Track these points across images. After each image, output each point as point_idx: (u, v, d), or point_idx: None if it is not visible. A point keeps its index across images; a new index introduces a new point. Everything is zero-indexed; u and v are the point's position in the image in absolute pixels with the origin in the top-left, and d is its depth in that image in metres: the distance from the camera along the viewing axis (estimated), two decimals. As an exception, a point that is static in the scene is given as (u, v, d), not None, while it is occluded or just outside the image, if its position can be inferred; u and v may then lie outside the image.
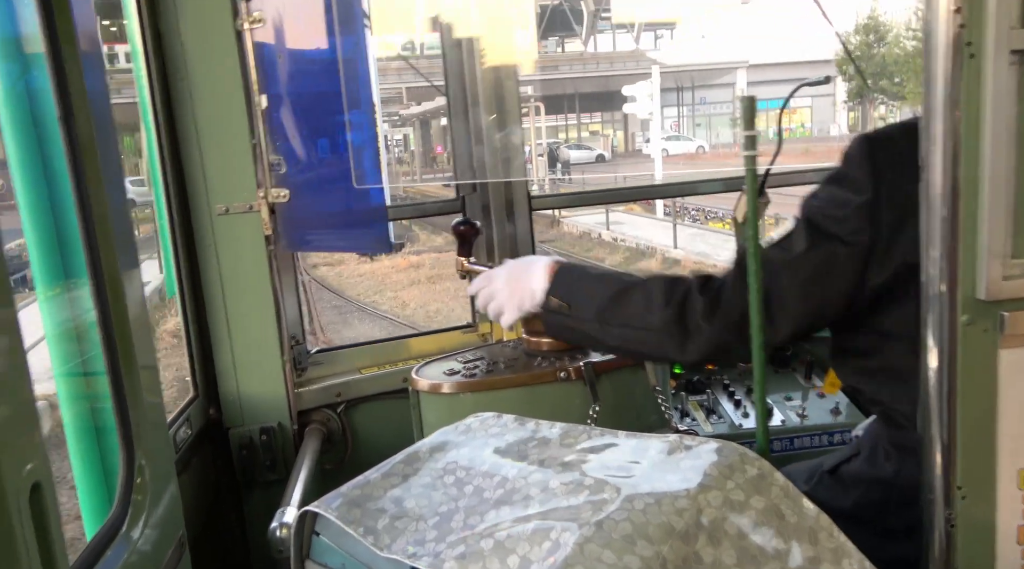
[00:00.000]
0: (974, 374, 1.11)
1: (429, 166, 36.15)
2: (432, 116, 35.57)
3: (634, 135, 41.67)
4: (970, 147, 1.06)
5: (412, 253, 18.25)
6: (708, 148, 37.62)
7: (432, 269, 17.00)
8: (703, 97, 41.92)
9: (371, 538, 1.12)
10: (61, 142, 1.24)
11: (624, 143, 42.22)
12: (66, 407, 1.37)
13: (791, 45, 33.58)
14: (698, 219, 20.79)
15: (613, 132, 43.07)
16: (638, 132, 40.98)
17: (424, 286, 15.64)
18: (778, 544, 1.04)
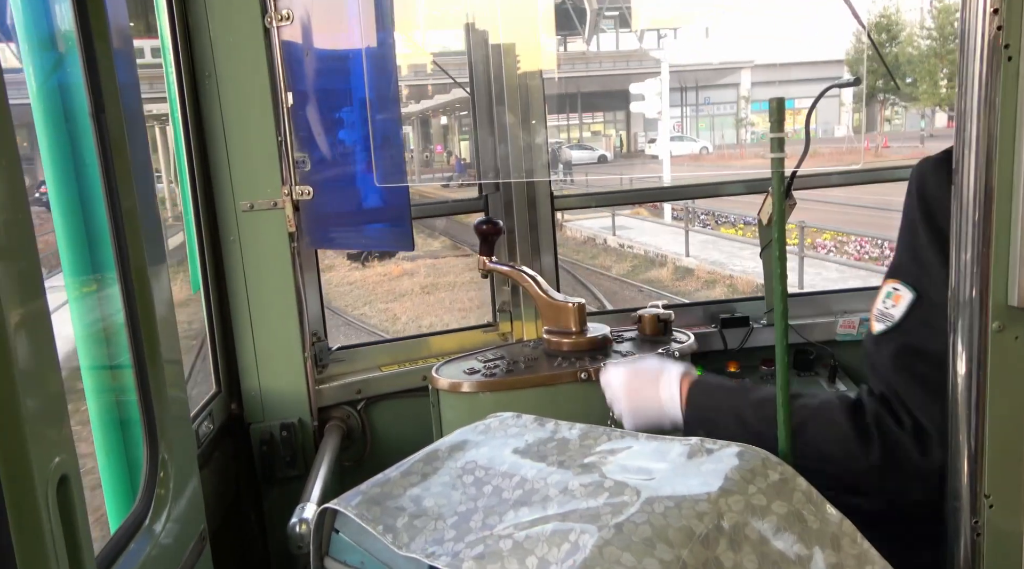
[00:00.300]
0: (1004, 382, 1.09)
1: (428, 166, 35.88)
2: (432, 114, 35.11)
3: (636, 135, 40.91)
4: (1005, 151, 1.04)
5: (406, 259, 16.68)
6: (712, 149, 36.87)
7: (427, 277, 15.63)
8: (707, 97, 41.25)
9: (390, 536, 1.12)
10: (92, 137, 1.26)
11: (626, 144, 41.53)
12: (92, 400, 1.38)
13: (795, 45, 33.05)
14: (708, 224, 19.25)
15: (615, 132, 42.03)
16: (640, 132, 40.28)
17: (416, 297, 14.21)
18: (800, 550, 1.03)
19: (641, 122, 39.78)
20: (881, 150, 27.97)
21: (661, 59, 30.51)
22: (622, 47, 37.20)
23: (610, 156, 36.18)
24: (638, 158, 37.08)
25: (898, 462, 1.27)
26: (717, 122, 41.75)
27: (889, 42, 32.45)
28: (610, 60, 36.01)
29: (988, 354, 1.09)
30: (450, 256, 17.85)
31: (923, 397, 1.25)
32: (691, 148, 35.70)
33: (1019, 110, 1.02)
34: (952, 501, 1.15)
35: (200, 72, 1.95)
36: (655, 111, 25.70)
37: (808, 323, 2.42)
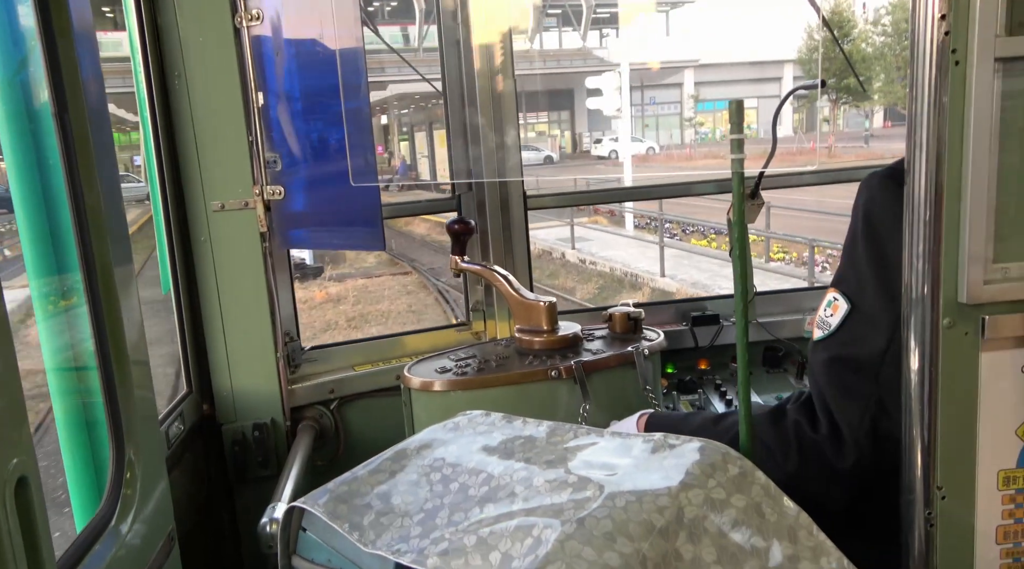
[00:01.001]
0: (955, 376, 1.12)
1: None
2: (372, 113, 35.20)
3: (581, 136, 39.56)
4: (954, 152, 1.07)
5: (333, 279, 14.03)
6: (658, 149, 36.17)
7: (355, 304, 12.64)
8: (652, 97, 40.41)
9: (356, 534, 1.13)
10: (55, 136, 1.26)
11: (571, 144, 40.10)
12: (57, 401, 1.38)
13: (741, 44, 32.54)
14: (676, 234, 16.55)
15: (560, 133, 40.32)
16: (585, 132, 39.22)
17: (340, 334, 11.49)
18: (757, 542, 1.05)
19: (586, 122, 38.97)
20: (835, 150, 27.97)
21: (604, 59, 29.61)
22: (565, 46, 36.03)
23: (556, 157, 35.03)
24: (584, 159, 36.10)
25: (815, 466, 1.32)
26: (661, 122, 41.06)
27: (841, 39, 32.39)
28: (554, 58, 34.82)
29: (940, 349, 1.12)
30: (386, 274, 15.62)
31: (844, 402, 1.30)
32: (638, 148, 34.37)
33: (966, 113, 1.05)
34: (906, 493, 1.18)
35: (169, 72, 1.94)
36: (614, 108, 24.17)
37: (777, 320, 2.46)
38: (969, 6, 1.02)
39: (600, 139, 35.50)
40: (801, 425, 1.35)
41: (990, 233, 1.08)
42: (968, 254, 1.08)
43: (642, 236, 17.11)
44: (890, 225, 1.25)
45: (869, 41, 30.94)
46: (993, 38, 1.03)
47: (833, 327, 1.32)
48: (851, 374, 1.30)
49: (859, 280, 1.32)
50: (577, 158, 37.10)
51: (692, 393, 2.32)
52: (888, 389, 1.25)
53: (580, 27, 30.14)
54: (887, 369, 1.26)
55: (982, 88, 1.04)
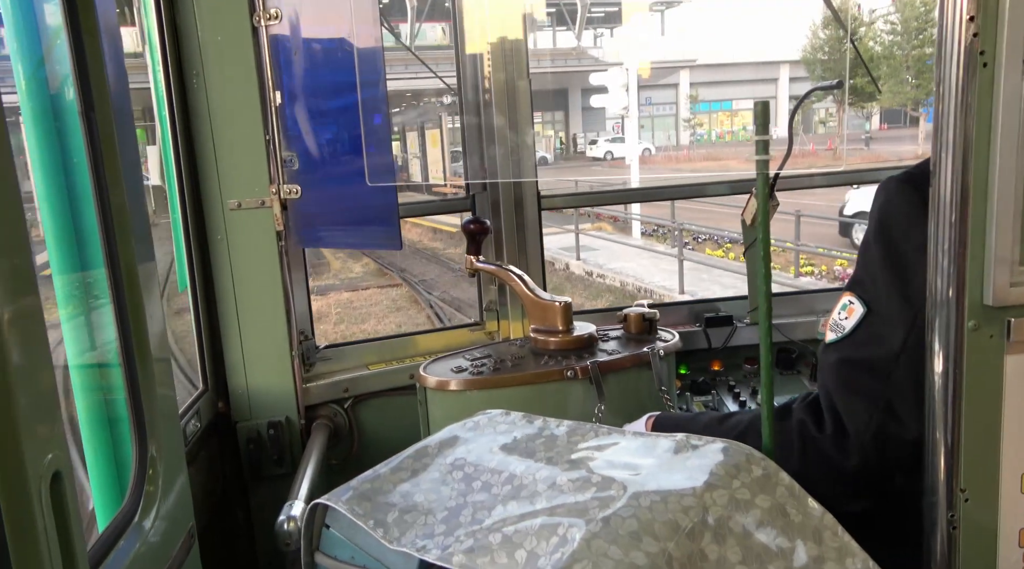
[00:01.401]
0: (980, 379, 1.12)
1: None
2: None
3: (575, 136, 38.80)
4: (980, 154, 1.07)
5: (315, 292, 12.19)
6: (654, 151, 35.25)
7: (338, 324, 11.14)
8: (648, 97, 39.05)
9: (381, 531, 1.13)
10: (80, 133, 1.26)
11: (566, 145, 39.22)
12: (80, 398, 1.38)
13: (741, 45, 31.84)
14: (687, 243, 14.26)
15: (554, 133, 39.20)
16: (579, 133, 38.48)
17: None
18: (783, 542, 1.05)
19: (580, 123, 38.13)
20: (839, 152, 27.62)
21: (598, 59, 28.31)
22: (560, 45, 34.85)
23: (551, 158, 34.34)
24: (579, 160, 35.32)
25: (819, 466, 1.31)
26: (657, 123, 40.10)
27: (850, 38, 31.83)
28: (548, 58, 33.48)
29: (964, 352, 1.12)
30: (373, 286, 14.07)
31: (852, 403, 1.30)
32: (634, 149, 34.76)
33: (994, 115, 1.05)
34: (929, 496, 1.18)
35: (188, 71, 1.95)
36: (620, 106, 22.10)
37: (790, 322, 2.45)
38: (998, 8, 1.02)
39: (595, 140, 34.91)
40: (806, 424, 1.35)
41: (1016, 235, 1.08)
42: (994, 256, 1.08)
43: (651, 245, 15.53)
44: (906, 229, 1.26)
45: (878, 39, 30.39)
46: (1022, 40, 1.03)
47: (848, 329, 1.32)
48: (862, 376, 1.30)
49: (875, 283, 1.32)
50: (572, 159, 36.45)
51: (705, 394, 2.32)
52: (899, 392, 1.26)
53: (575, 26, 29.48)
54: (900, 371, 1.26)
55: (1010, 90, 1.05)
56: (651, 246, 15.54)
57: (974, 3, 1.02)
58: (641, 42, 31.22)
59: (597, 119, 38.36)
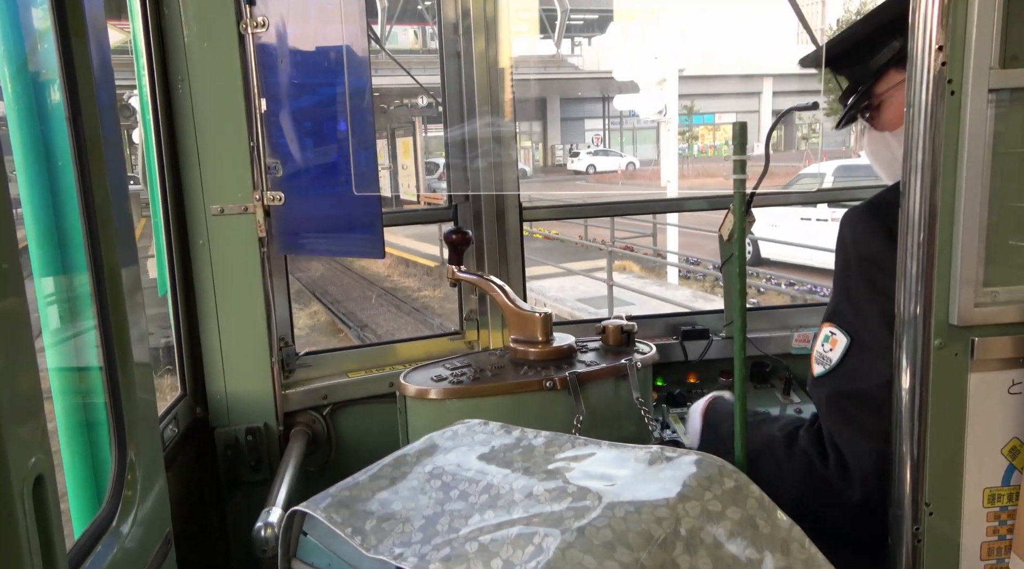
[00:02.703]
0: (945, 396, 1.16)
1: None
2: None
3: (553, 148, 36.01)
4: (947, 178, 1.11)
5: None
6: (639, 165, 32.32)
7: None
8: (632, 110, 37.00)
9: (358, 539, 1.14)
10: (65, 135, 1.26)
11: (544, 158, 36.17)
12: (59, 401, 1.38)
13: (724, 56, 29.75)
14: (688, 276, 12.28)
15: (532, 144, 35.69)
16: (558, 145, 36.34)
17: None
18: (751, 554, 1.08)
19: (559, 134, 36.39)
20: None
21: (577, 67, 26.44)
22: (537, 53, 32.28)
23: (530, 170, 31.29)
24: (560, 173, 33.12)
25: (826, 498, 1.35)
26: (638, 135, 37.57)
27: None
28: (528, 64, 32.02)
29: (930, 369, 1.15)
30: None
31: (851, 436, 1.33)
32: (617, 163, 32.00)
33: (961, 140, 1.09)
34: (895, 509, 1.21)
35: (173, 76, 1.96)
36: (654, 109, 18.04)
37: (764, 336, 2.49)
38: (966, 39, 1.06)
39: (577, 152, 33.48)
40: (811, 458, 1.38)
41: (981, 257, 1.12)
42: (960, 277, 1.12)
43: (698, 294, 12.65)
44: (881, 257, 1.30)
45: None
46: (988, 70, 1.08)
47: (834, 362, 1.35)
48: (856, 409, 1.33)
49: (857, 313, 1.35)
50: (552, 173, 34.50)
51: (682, 406, 2.35)
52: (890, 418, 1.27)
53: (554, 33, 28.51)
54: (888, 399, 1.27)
55: (976, 117, 1.09)
56: (697, 294, 12.68)
57: (943, 33, 1.06)
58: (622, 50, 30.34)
59: (576, 131, 37.39)
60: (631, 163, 32.92)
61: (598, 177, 30.39)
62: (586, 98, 36.36)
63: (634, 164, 33.00)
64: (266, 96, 2.01)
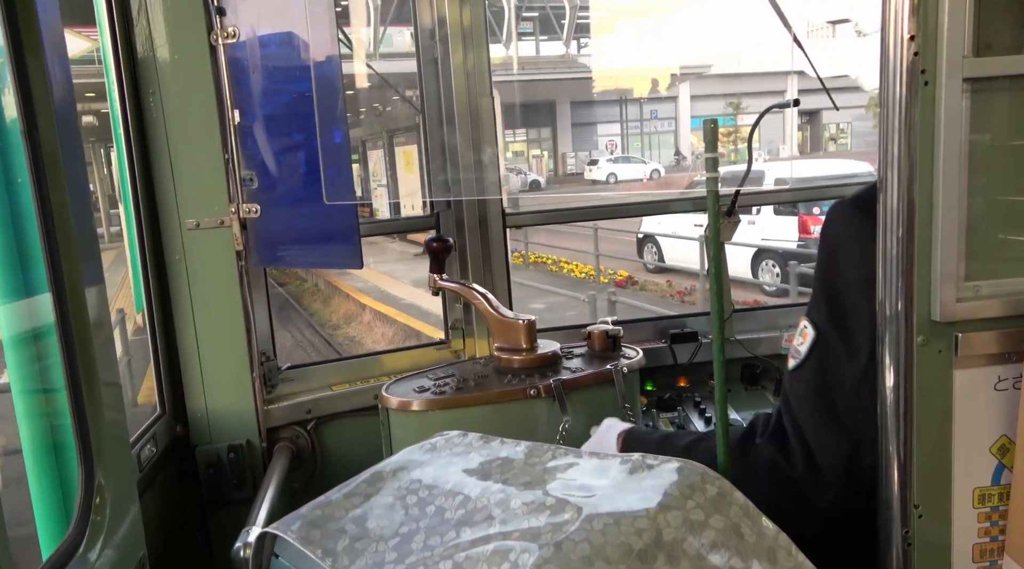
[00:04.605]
0: (930, 394, 1.13)
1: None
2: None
3: (565, 156, 33.48)
4: (924, 170, 1.08)
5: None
6: (664, 172, 29.93)
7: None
8: (654, 110, 33.82)
9: (329, 560, 1.11)
10: (23, 152, 1.23)
11: (556, 166, 33.65)
12: (24, 424, 1.34)
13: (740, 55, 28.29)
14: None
15: (541, 151, 33.49)
16: (570, 152, 33.31)
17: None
18: (737, 563, 1.05)
19: (570, 141, 33.59)
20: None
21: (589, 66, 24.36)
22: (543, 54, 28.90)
23: (543, 181, 29.85)
24: (577, 184, 30.28)
25: (792, 504, 1.29)
26: (657, 140, 35.12)
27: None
28: (534, 66, 27.81)
29: (914, 367, 1.12)
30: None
31: (824, 439, 1.28)
32: (641, 171, 29.12)
33: (936, 132, 1.06)
34: (883, 511, 1.18)
35: (144, 90, 1.93)
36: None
37: (754, 338, 2.46)
38: (937, 28, 1.03)
39: (596, 160, 30.86)
40: (776, 464, 1.32)
41: (961, 251, 1.09)
42: (940, 272, 1.09)
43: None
44: (857, 253, 1.25)
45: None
46: (961, 59, 1.05)
47: (803, 355, 1.31)
48: (829, 411, 1.28)
49: (823, 304, 1.31)
50: (567, 182, 31.85)
51: (672, 410, 2.31)
52: (866, 420, 1.24)
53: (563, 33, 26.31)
54: (863, 399, 1.24)
55: (951, 108, 1.06)
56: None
57: (914, 22, 1.04)
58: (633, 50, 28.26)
59: (588, 137, 34.61)
60: (656, 170, 30.17)
61: (622, 187, 27.78)
62: (601, 101, 33.38)
63: (659, 171, 30.19)
64: (239, 107, 1.98)
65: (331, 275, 15.77)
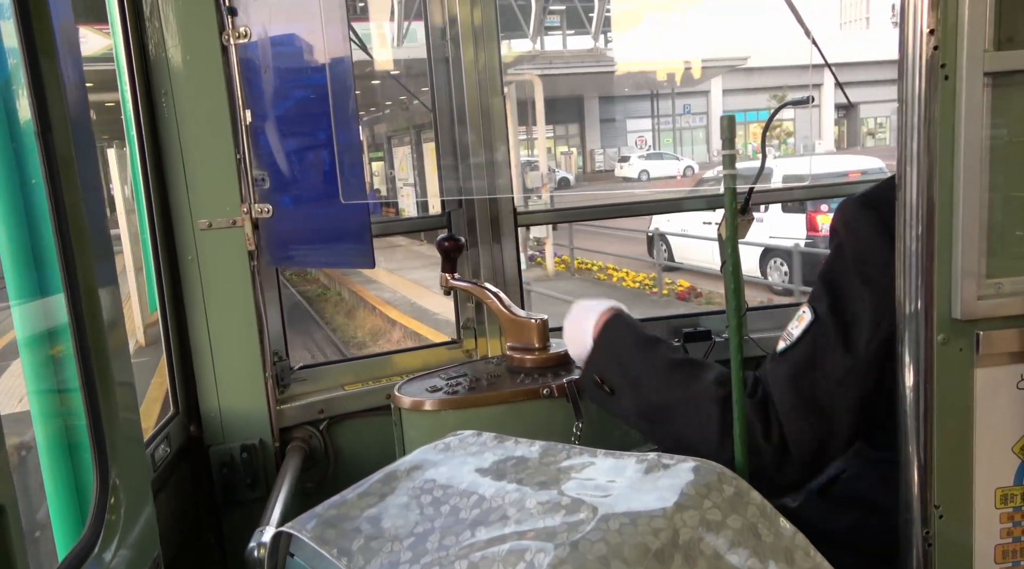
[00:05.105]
0: (950, 393, 1.11)
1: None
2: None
3: (593, 153, 32.65)
4: (944, 167, 1.07)
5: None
6: (697, 168, 29.00)
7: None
8: (687, 105, 33.20)
9: (345, 560, 1.10)
10: (37, 154, 1.24)
11: (585, 163, 32.54)
12: (39, 425, 1.35)
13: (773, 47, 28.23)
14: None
15: (569, 148, 31.82)
16: (598, 149, 32.58)
17: None
18: (754, 564, 1.04)
19: (598, 137, 32.44)
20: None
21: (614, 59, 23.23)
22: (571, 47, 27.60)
23: (572, 178, 28.52)
24: (608, 181, 29.23)
25: (754, 468, 1.30)
26: (687, 135, 33.96)
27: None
28: (561, 60, 26.17)
29: (934, 366, 1.11)
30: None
31: (801, 427, 1.29)
32: (674, 168, 28.56)
33: (956, 127, 1.04)
34: (903, 512, 1.17)
35: (156, 90, 1.93)
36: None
37: (768, 336, 2.44)
38: (958, 21, 1.02)
39: (627, 157, 29.63)
40: (754, 427, 1.33)
41: (983, 248, 1.08)
42: (961, 269, 1.07)
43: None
44: (860, 250, 1.27)
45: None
46: (982, 53, 1.04)
47: (795, 337, 1.32)
48: (806, 390, 1.29)
49: (828, 299, 1.31)
50: (596, 180, 30.37)
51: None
52: (844, 411, 1.26)
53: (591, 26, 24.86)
54: (848, 391, 1.26)
55: (972, 102, 1.04)
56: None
57: (933, 16, 1.02)
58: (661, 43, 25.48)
59: (617, 133, 33.45)
60: (689, 167, 29.37)
61: (655, 185, 26.90)
62: (629, 96, 31.85)
63: (692, 168, 29.42)
64: (250, 107, 1.98)
65: (356, 283, 14.48)
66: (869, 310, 1.24)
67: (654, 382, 1.46)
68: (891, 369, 1.19)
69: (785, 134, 32.23)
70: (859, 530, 1.39)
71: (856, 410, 1.27)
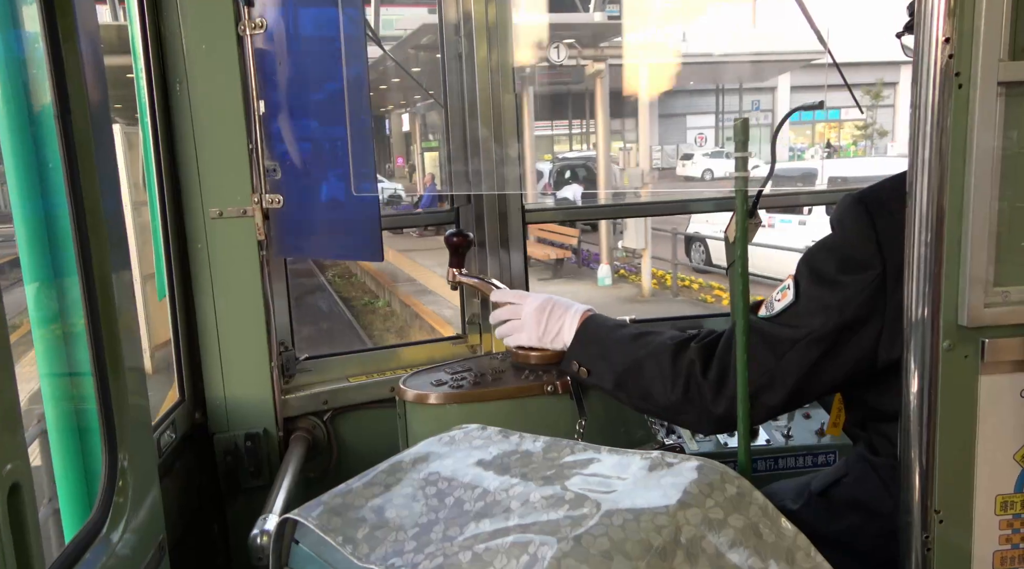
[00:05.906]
0: (954, 399, 1.12)
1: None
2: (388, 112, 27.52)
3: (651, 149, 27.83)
4: (955, 174, 1.08)
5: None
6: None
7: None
8: (756, 101, 31.60)
9: (350, 547, 1.12)
10: (55, 137, 1.25)
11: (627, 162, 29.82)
12: (50, 407, 1.36)
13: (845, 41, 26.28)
14: None
15: (626, 144, 27.81)
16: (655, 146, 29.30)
17: None
18: (755, 563, 1.05)
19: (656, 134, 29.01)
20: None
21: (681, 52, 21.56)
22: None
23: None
24: (670, 181, 27.62)
25: (694, 404, 1.48)
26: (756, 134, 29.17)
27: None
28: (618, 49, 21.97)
29: (939, 372, 1.12)
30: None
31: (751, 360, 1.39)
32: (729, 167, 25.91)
33: (969, 136, 1.05)
34: (904, 516, 1.18)
35: (171, 79, 1.94)
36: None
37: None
38: (973, 30, 1.03)
39: (691, 154, 28.06)
40: (695, 366, 1.48)
41: (991, 256, 1.08)
42: (969, 277, 1.08)
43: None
44: (837, 244, 1.38)
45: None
46: (997, 62, 1.04)
47: (776, 311, 1.42)
48: (762, 347, 1.40)
49: (809, 274, 1.41)
50: (659, 179, 27.46)
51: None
52: (785, 371, 1.39)
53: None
54: (793, 354, 1.38)
55: (985, 112, 1.05)
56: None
57: (949, 25, 1.03)
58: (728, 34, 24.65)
59: (676, 129, 32.16)
60: (755, 166, 28.66)
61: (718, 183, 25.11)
62: (691, 90, 30.66)
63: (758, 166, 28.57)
64: (264, 98, 1.99)
65: (409, 293, 12.63)
66: (838, 295, 1.34)
67: (623, 351, 1.63)
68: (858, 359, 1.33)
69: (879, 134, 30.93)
70: (859, 534, 1.41)
71: (803, 375, 1.38)
